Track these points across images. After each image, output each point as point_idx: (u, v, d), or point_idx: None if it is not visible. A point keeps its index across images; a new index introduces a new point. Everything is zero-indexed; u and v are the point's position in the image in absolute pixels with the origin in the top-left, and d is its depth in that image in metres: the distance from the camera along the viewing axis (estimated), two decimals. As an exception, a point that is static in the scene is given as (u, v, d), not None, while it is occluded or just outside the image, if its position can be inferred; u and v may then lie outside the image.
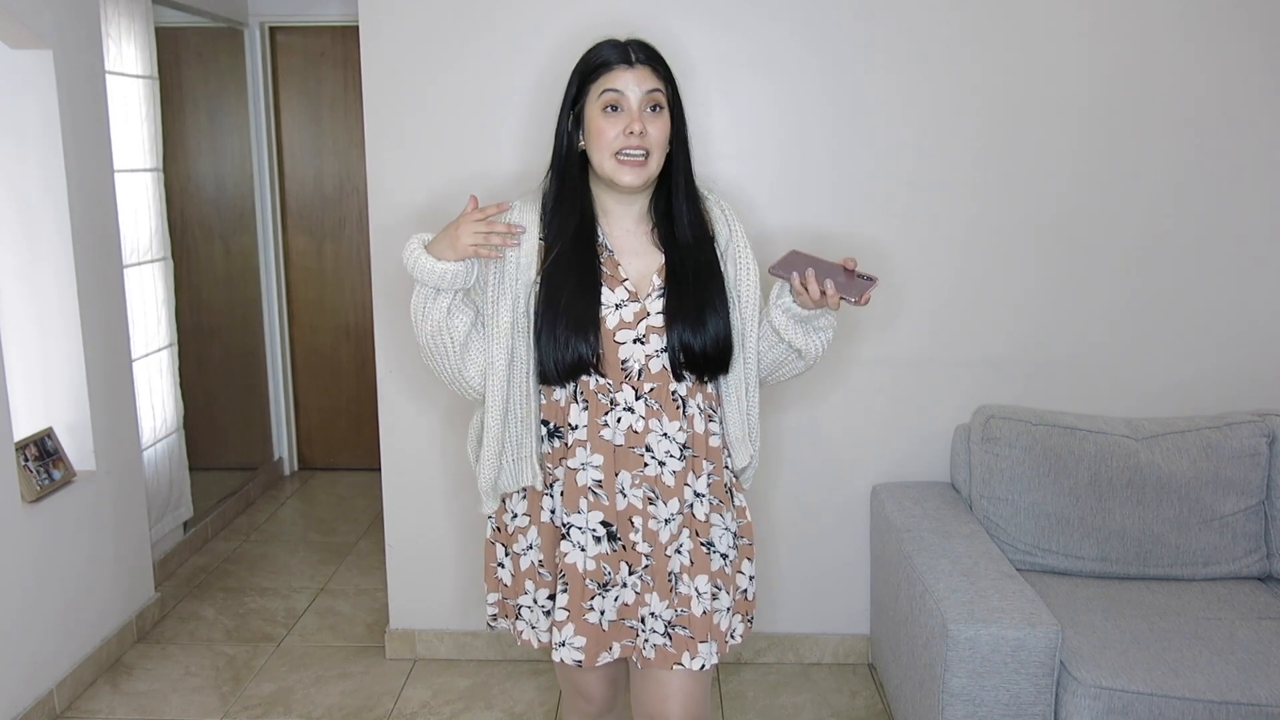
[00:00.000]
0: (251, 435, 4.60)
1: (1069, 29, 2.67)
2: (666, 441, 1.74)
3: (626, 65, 1.68)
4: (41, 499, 2.74)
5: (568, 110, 1.75)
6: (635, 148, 1.67)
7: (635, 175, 1.69)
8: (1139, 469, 2.57)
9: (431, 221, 2.77)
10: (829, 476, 2.91)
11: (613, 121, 1.68)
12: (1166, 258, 2.77)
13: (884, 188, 2.75)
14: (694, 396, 1.77)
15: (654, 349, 1.72)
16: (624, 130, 1.67)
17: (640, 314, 1.72)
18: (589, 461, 1.74)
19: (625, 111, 1.68)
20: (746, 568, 1.87)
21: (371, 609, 3.39)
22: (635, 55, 1.69)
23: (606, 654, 1.78)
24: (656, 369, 1.73)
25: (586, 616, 1.76)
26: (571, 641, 1.76)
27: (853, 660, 3.00)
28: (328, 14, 4.38)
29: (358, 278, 4.66)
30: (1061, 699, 2.13)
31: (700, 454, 1.78)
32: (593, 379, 1.73)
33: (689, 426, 1.76)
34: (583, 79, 1.72)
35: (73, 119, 2.87)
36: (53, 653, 2.77)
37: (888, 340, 2.81)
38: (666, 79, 1.72)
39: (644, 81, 1.68)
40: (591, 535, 1.75)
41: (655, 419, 1.74)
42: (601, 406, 1.73)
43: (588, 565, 1.75)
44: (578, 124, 1.73)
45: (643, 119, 1.67)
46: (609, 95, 1.68)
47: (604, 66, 1.69)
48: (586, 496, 1.75)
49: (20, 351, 2.89)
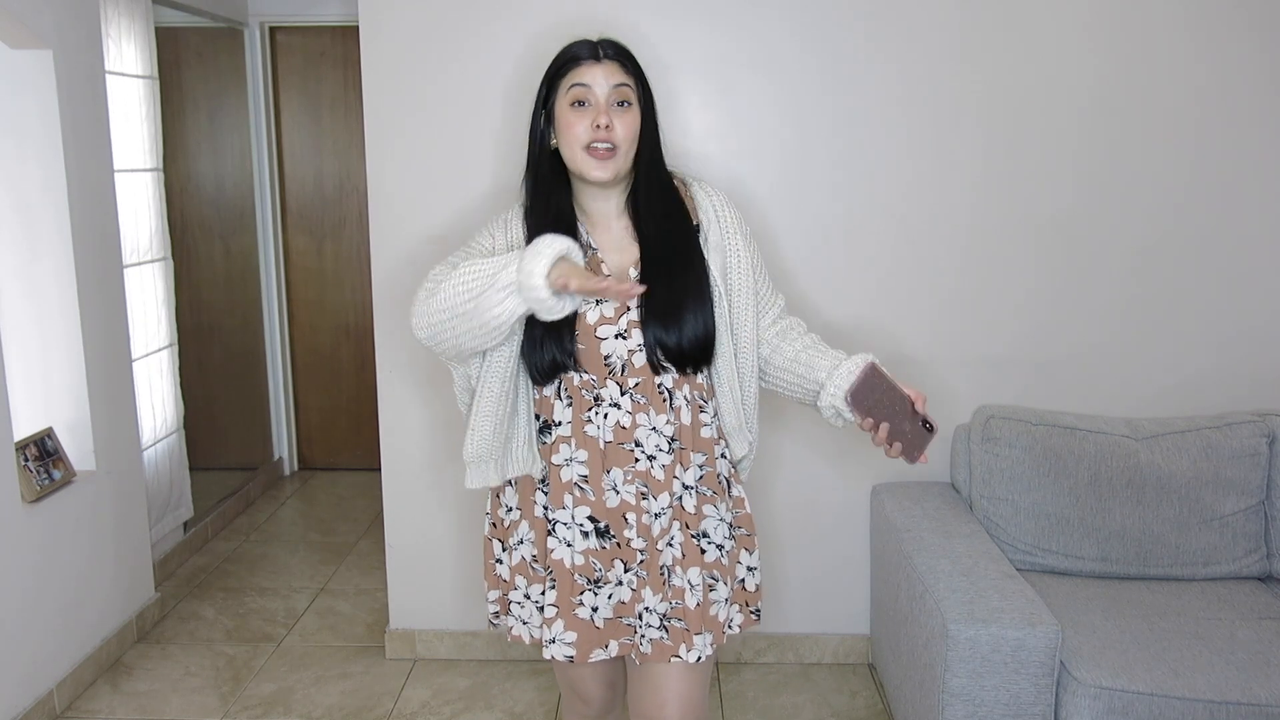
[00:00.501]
0: (251, 435, 4.60)
1: (1069, 29, 2.67)
2: (655, 436, 1.74)
3: (594, 60, 1.70)
4: (41, 499, 2.74)
5: (540, 108, 1.76)
6: (602, 140, 1.68)
7: (603, 169, 1.69)
8: (1139, 469, 2.57)
9: (432, 221, 2.77)
10: (829, 476, 2.91)
11: (580, 115, 1.69)
12: (1167, 258, 2.77)
13: (884, 188, 2.75)
14: (681, 388, 1.76)
15: (636, 344, 1.72)
16: (591, 124, 1.68)
17: (620, 309, 1.72)
18: (574, 457, 1.75)
19: (593, 106, 1.68)
20: (745, 558, 1.87)
21: (371, 609, 3.39)
22: (603, 51, 1.71)
23: (601, 651, 1.77)
24: (640, 364, 1.73)
25: (576, 612, 1.76)
26: (562, 638, 1.76)
27: (853, 660, 3.00)
28: (328, 14, 4.38)
29: (358, 278, 4.66)
30: (1061, 699, 2.13)
31: (688, 446, 1.77)
32: (576, 375, 1.73)
33: (676, 419, 1.76)
34: (553, 76, 1.74)
35: (73, 119, 2.87)
36: (53, 653, 2.77)
37: (888, 340, 2.81)
38: (635, 75, 1.73)
39: (611, 76, 1.70)
40: (579, 530, 1.75)
41: (643, 413, 1.73)
42: (585, 403, 1.73)
43: (575, 560, 1.75)
44: (549, 121, 1.75)
45: (610, 113, 1.68)
46: (577, 90, 1.69)
47: (572, 62, 1.71)
48: (572, 492, 1.75)
49: (20, 351, 2.89)
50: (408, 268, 2.78)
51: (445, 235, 2.77)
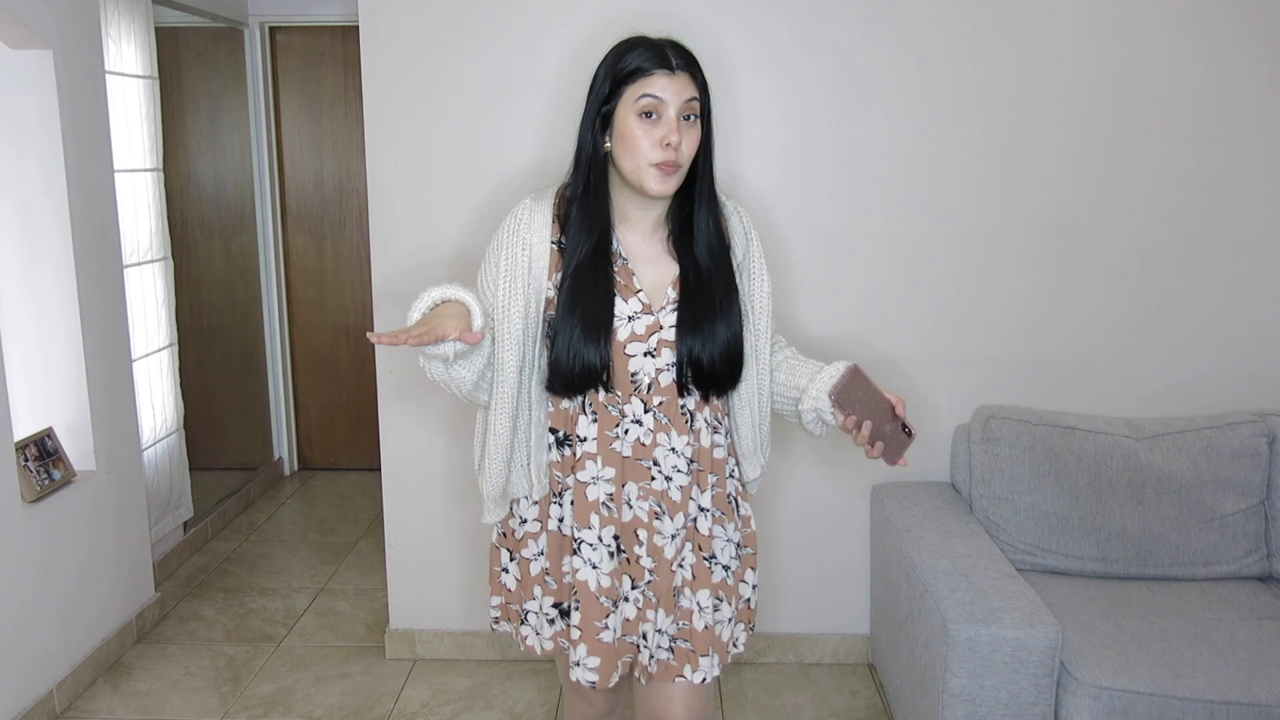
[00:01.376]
0: (251, 435, 4.60)
1: (1069, 29, 2.67)
2: (674, 456, 1.72)
3: (667, 71, 1.60)
4: (41, 499, 2.74)
5: (596, 110, 1.66)
6: (670, 158, 1.61)
7: (666, 185, 1.63)
8: (1139, 469, 2.57)
9: (432, 221, 2.77)
10: (829, 476, 2.91)
11: (648, 130, 1.60)
12: (1167, 258, 2.77)
13: (884, 188, 2.75)
14: (702, 410, 1.74)
15: (665, 363, 1.69)
16: (660, 141, 1.60)
17: (653, 328, 1.69)
18: (600, 475, 1.71)
19: (663, 121, 1.60)
20: (750, 577, 1.86)
21: (371, 609, 3.39)
22: (675, 61, 1.62)
23: (616, 674, 1.76)
24: (666, 383, 1.70)
25: (600, 636, 1.73)
26: (586, 662, 1.73)
27: (853, 660, 3.00)
28: (328, 14, 4.38)
29: (358, 278, 4.66)
30: (1061, 699, 2.13)
31: (705, 468, 1.76)
32: (602, 391, 1.70)
33: (696, 440, 1.74)
34: (617, 80, 1.63)
35: (73, 119, 2.87)
36: (53, 653, 2.77)
37: (888, 340, 2.81)
38: (702, 87, 1.66)
39: (683, 90, 1.61)
40: (605, 550, 1.72)
41: (663, 433, 1.71)
42: (612, 419, 1.70)
43: (601, 582, 1.72)
44: (605, 125, 1.66)
45: (680, 129, 1.61)
46: (647, 101, 1.60)
47: (642, 71, 1.61)
48: (599, 511, 1.72)
49: (20, 351, 2.89)
50: (407, 268, 2.78)
51: (446, 242, 2.77)
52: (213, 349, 4.33)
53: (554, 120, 2.70)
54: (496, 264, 1.71)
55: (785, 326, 2.75)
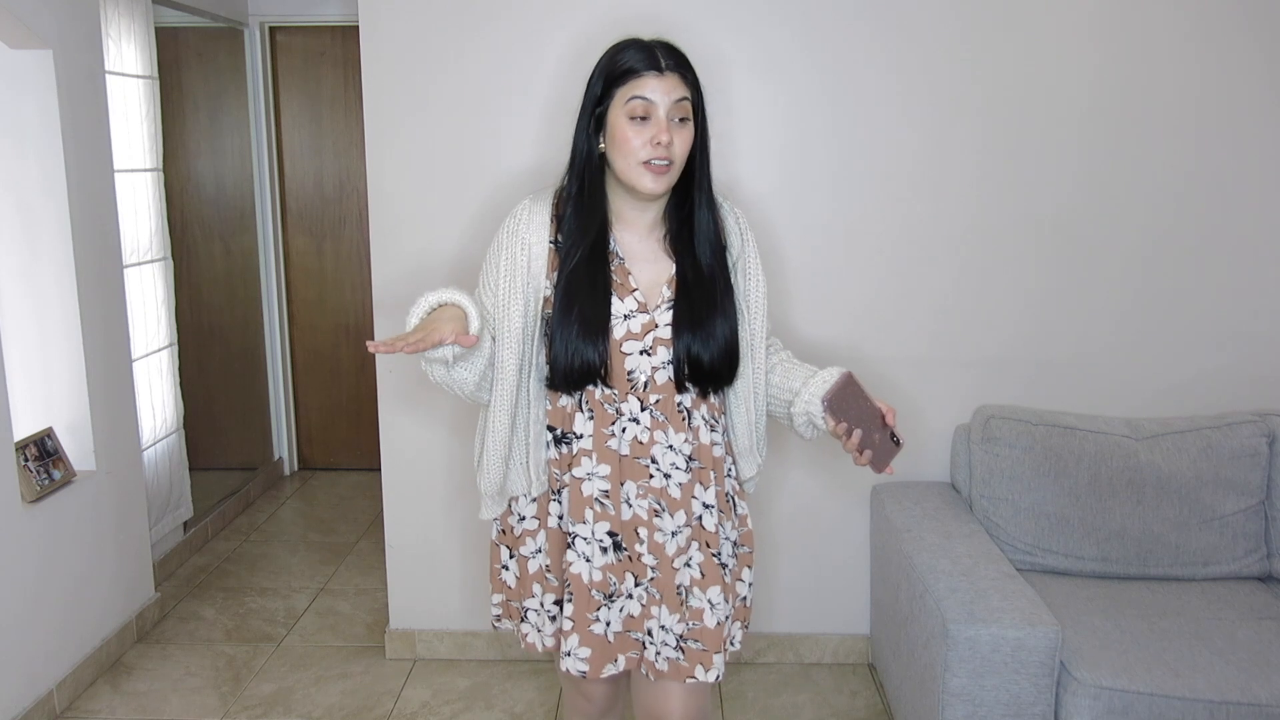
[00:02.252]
0: (251, 435, 4.60)
1: (1070, 29, 2.67)
2: (672, 454, 1.73)
3: (656, 72, 1.63)
4: (41, 499, 2.74)
5: (589, 112, 1.70)
6: (661, 158, 1.64)
7: (658, 183, 1.66)
8: (1139, 469, 2.57)
9: (432, 221, 2.77)
10: (829, 477, 2.91)
11: (639, 130, 1.63)
12: (1167, 258, 2.77)
13: (884, 188, 2.75)
14: (699, 408, 1.76)
15: (661, 361, 1.71)
16: (650, 141, 1.63)
17: (649, 326, 1.71)
18: (595, 471, 1.73)
19: (653, 121, 1.63)
20: (746, 575, 1.87)
21: (371, 609, 3.39)
22: (665, 62, 1.64)
23: (611, 666, 1.77)
24: (663, 381, 1.72)
25: (591, 628, 1.75)
26: (576, 652, 1.75)
27: (853, 660, 3.00)
28: (328, 14, 4.38)
29: (358, 278, 4.66)
30: (1061, 699, 2.13)
31: (706, 465, 1.77)
32: (598, 389, 1.71)
33: (694, 438, 1.75)
34: (608, 82, 1.66)
35: (73, 119, 2.87)
36: (53, 653, 2.77)
37: (888, 340, 2.81)
38: (694, 86, 1.68)
39: (673, 90, 1.64)
40: (598, 545, 1.74)
41: (661, 430, 1.73)
42: (608, 416, 1.72)
43: (594, 576, 1.74)
44: (599, 126, 1.69)
45: (670, 129, 1.63)
46: (637, 103, 1.63)
47: (632, 73, 1.63)
48: (593, 507, 1.74)
49: (20, 351, 2.89)
50: (408, 268, 2.78)
51: (447, 242, 2.77)
52: (213, 349, 4.33)
53: (554, 121, 2.70)
54: (497, 264, 1.73)
55: (784, 327, 2.75)
